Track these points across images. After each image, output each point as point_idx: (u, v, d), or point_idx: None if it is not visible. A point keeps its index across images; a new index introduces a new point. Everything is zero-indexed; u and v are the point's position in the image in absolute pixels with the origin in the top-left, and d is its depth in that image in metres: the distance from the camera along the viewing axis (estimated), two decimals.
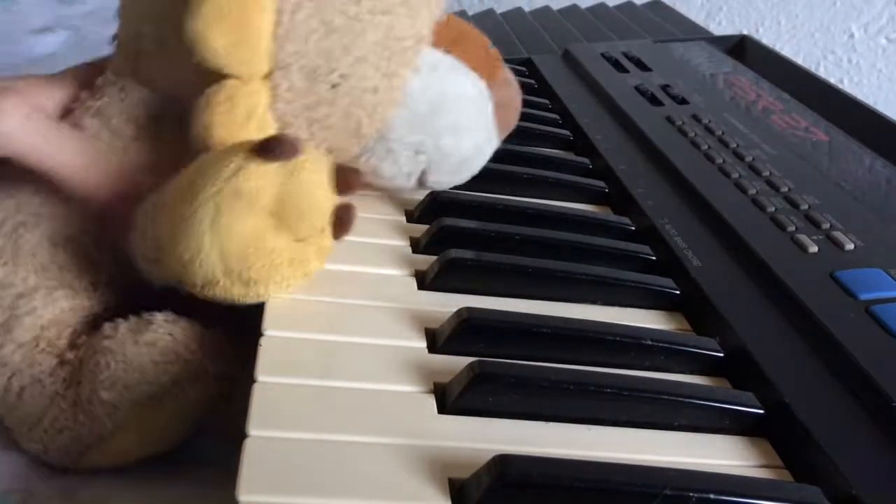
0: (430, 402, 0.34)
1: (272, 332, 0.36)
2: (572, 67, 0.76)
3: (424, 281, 0.42)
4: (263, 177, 0.34)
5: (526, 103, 0.68)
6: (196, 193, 0.34)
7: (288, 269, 0.36)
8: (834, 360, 0.37)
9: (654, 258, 0.47)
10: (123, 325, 0.38)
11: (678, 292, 0.44)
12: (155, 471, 0.40)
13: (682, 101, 0.66)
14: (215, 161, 0.35)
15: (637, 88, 0.69)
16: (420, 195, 0.49)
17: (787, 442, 0.35)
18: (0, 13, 0.96)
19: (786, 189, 0.51)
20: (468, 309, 0.37)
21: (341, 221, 0.38)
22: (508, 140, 0.59)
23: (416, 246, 0.45)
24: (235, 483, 0.28)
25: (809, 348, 0.38)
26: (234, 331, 0.40)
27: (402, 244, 0.45)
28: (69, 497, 0.38)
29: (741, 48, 0.85)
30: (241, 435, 0.30)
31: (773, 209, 0.49)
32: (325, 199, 0.37)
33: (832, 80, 0.86)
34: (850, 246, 0.45)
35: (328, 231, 0.38)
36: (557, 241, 0.46)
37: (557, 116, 0.67)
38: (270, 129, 0.39)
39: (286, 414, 0.31)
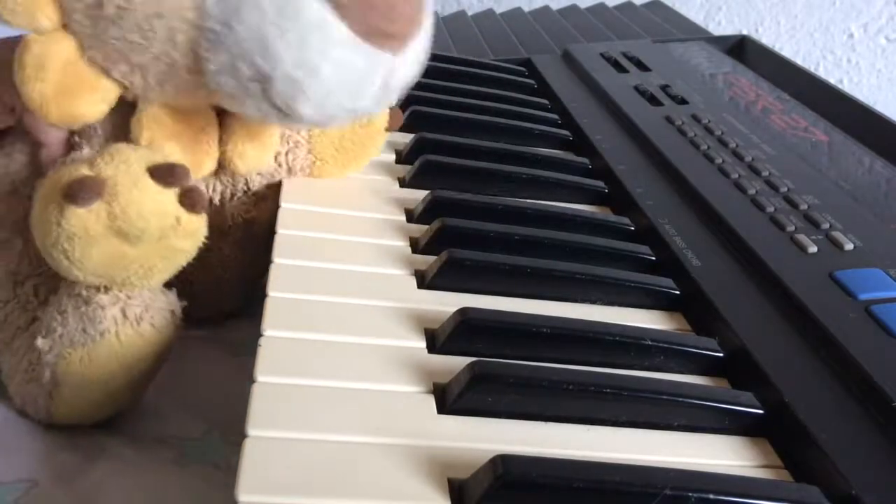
0: (430, 403, 0.34)
1: (271, 332, 0.36)
2: (572, 67, 0.76)
3: (424, 280, 0.42)
4: (83, 218, 0.35)
5: (526, 103, 0.68)
6: (41, 237, 0.37)
7: (153, 268, 0.38)
8: (834, 360, 0.37)
9: (653, 258, 0.47)
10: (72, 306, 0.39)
11: (678, 292, 0.44)
12: (156, 459, 0.40)
13: (682, 101, 0.66)
14: (43, 202, 0.36)
15: (636, 88, 0.69)
16: (419, 195, 0.49)
17: (786, 442, 0.35)
18: None
19: (785, 189, 0.51)
20: (468, 309, 0.37)
21: (191, 203, 0.37)
22: (509, 140, 0.60)
23: (416, 246, 0.45)
24: (234, 482, 0.28)
25: (809, 348, 0.38)
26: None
27: (402, 244, 0.45)
28: (72, 486, 0.38)
29: (740, 48, 0.85)
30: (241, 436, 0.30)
31: (772, 209, 0.49)
32: (157, 205, 0.36)
33: (832, 80, 0.86)
34: (849, 246, 0.45)
35: (177, 229, 0.37)
36: (557, 241, 0.46)
37: (557, 116, 0.67)
38: (88, 76, 0.39)
39: (286, 414, 0.31)
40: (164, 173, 0.36)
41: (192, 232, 0.38)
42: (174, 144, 0.41)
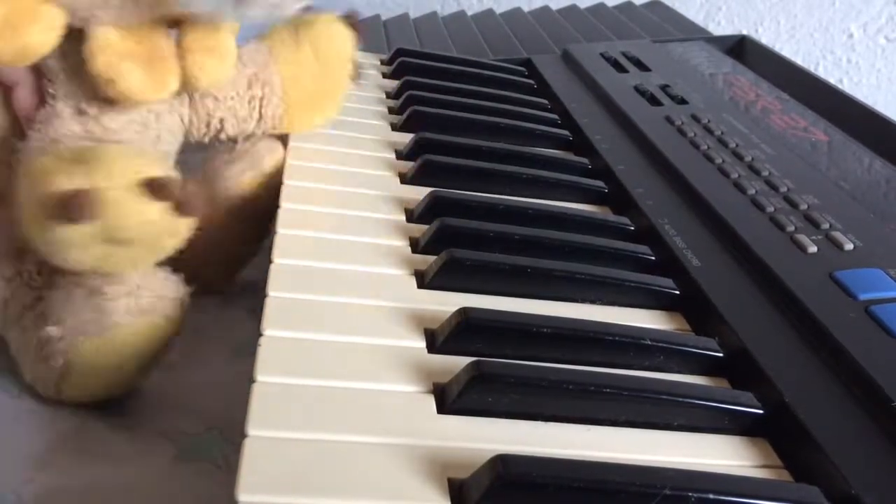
0: (430, 402, 0.34)
1: (271, 331, 0.36)
2: (572, 67, 0.76)
3: (424, 280, 0.42)
4: (75, 233, 0.36)
5: (526, 103, 0.68)
6: (33, 239, 0.38)
7: (142, 260, 0.40)
8: (834, 360, 0.37)
9: (653, 258, 0.47)
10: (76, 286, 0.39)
11: (678, 292, 0.44)
12: (156, 458, 0.40)
13: (682, 101, 0.66)
14: (33, 209, 0.37)
15: (636, 88, 0.69)
16: (419, 194, 0.49)
17: (786, 442, 0.35)
18: None
19: (785, 189, 0.51)
20: (467, 309, 0.37)
21: (183, 212, 0.38)
22: (509, 140, 0.60)
23: (416, 246, 0.45)
24: (234, 482, 0.28)
25: (809, 348, 0.38)
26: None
27: (402, 244, 0.45)
28: (71, 483, 0.38)
29: (740, 48, 0.85)
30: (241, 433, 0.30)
31: (772, 209, 0.49)
32: (147, 218, 0.37)
33: (831, 80, 0.86)
34: (849, 246, 0.45)
35: (166, 232, 0.39)
36: (557, 241, 0.46)
37: (557, 117, 0.67)
38: (29, 4, 0.39)
39: (286, 414, 0.31)
40: (154, 188, 0.37)
41: (179, 232, 0.39)
42: (131, 65, 0.41)
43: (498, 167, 0.54)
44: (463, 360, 0.35)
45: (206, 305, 0.47)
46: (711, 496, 0.29)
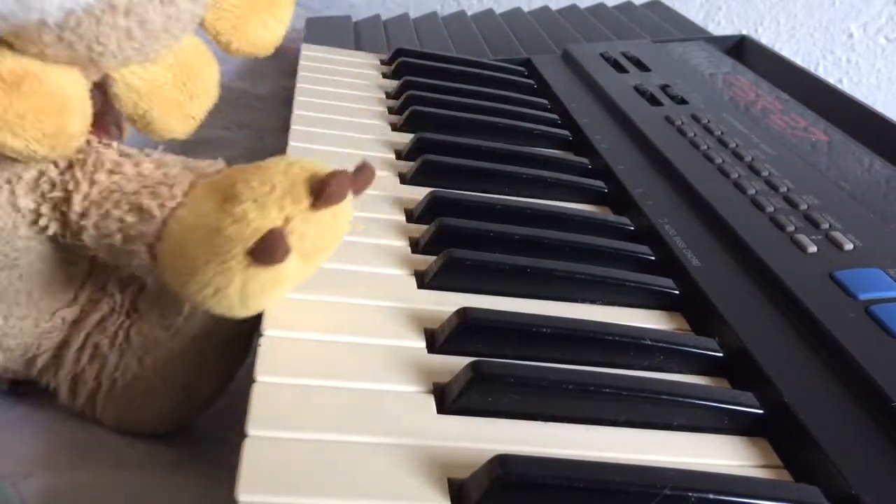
0: (430, 402, 0.34)
1: (271, 332, 0.36)
2: (571, 68, 0.76)
3: (424, 280, 0.42)
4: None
5: (526, 103, 0.68)
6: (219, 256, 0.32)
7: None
8: (834, 360, 0.37)
9: (653, 258, 0.47)
10: None
11: (678, 292, 0.44)
12: (156, 458, 0.40)
13: (682, 101, 0.66)
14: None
15: (636, 88, 0.69)
16: (419, 194, 0.49)
17: (786, 442, 0.35)
18: None
19: (785, 189, 0.51)
20: (467, 309, 0.37)
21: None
22: (509, 140, 0.60)
23: (416, 246, 0.45)
24: (234, 482, 0.28)
25: (809, 348, 0.38)
26: None
27: (402, 244, 0.45)
28: (71, 485, 0.38)
29: (740, 48, 0.85)
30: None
31: (772, 209, 0.49)
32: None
33: (831, 80, 0.86)
34: (849, 246, 0.45)
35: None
36: (557, 241, 0.46)
37: (557, 117, 0.67)
38: None
39: (285, 414, 0.31)
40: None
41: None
42: None
43: (498, 167, 0.54)
44: (463, 360, 0.35)
45: None
46: (711, 496, 0.29)
